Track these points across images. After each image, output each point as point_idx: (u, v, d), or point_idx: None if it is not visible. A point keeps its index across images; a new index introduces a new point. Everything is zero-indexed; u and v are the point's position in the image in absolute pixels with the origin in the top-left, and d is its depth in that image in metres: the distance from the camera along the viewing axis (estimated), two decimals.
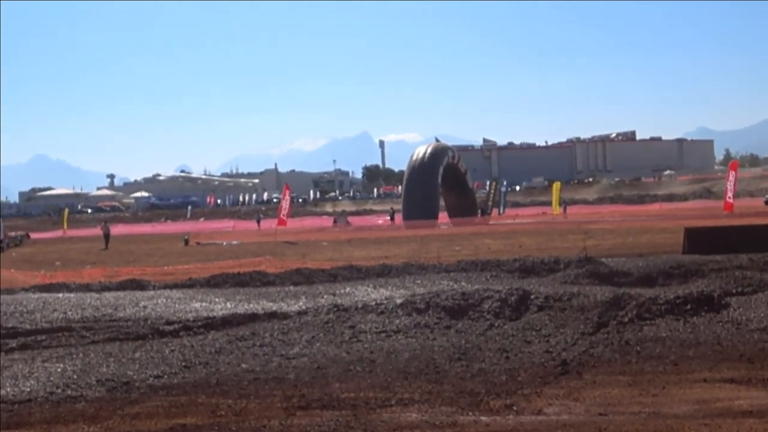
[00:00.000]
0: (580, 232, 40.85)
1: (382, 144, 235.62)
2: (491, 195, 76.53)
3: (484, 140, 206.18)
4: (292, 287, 22.10)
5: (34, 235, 75.57)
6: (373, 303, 16.81)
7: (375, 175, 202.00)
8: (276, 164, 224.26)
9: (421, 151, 66.89)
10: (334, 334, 14.39)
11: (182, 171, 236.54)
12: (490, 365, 11.69)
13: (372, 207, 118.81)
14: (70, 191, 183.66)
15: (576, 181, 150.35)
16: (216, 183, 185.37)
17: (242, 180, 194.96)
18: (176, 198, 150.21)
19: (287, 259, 32.53)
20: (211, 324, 15.87)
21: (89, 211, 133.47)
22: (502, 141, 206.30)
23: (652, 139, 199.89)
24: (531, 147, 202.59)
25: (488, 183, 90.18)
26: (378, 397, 10.00)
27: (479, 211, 70.89)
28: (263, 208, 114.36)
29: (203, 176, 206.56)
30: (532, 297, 16.08)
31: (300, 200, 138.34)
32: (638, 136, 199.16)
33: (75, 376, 11.96)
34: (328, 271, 25.15)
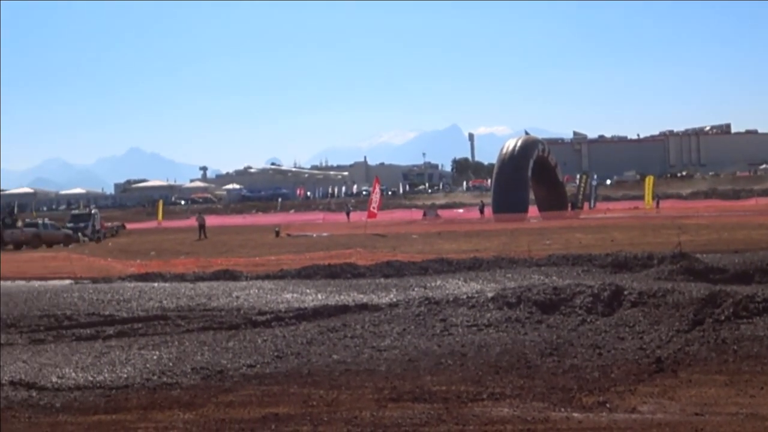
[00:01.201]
0: (673, 227, 39.99)
1: (471, 137, 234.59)
2: (582, 189, 75.73)
3: (575, 133, 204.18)
4: (382, 279, 22.14)
5: (129, 226, 77.36)
6: (464, 296, 16.74)
7: (464, 168, 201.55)
8: (365, 157, 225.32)
9: (511, 144, 66.49)
10: (425, 326, 14.37)
11: (273, 163, 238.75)
12: (583, 361, 11.53)
13: (461, 200, 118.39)
14: (164, 183, 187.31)
15: (669, 175, 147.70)
16: (306, 175, 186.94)
17: (332, 173, 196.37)
18: (267, 190, 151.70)
19: (377, 251, 32.62)
20: (302, 315, 16.02)
21: (182, 202, 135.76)
22: (592, 134, 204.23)
23: (748, 132, 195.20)
24: (622, 140, 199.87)
25: (578, 176, 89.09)
26: (469, 391, 9.95)
27: (569, 204, 70.21)
28: (353, 201, 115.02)
29: (293, 169, 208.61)
30: (625, 293, 15.79)
31: (389, 193, 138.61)
32: (733, 129, 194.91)
33: (170, 364, 12.19)
34: (419, 263, 25.15)
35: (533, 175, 64.80)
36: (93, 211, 67.67)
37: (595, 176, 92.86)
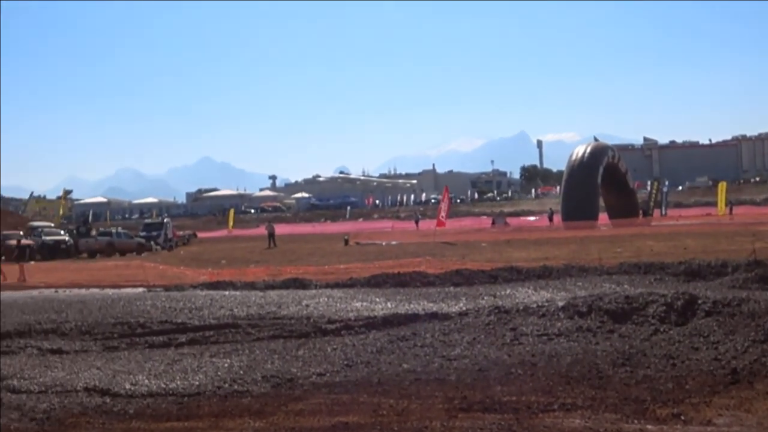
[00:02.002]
0: (747, 234, 39.21)
1: (539, 144, 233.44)
2: (652, 195, 74.69)
3: (645, 139, 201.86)
4: (452, 288, 22.08)
5: (200, 234, 78.31)
6: (534, 305, 16.59)
7: (533, 175, 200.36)
8: (434, 165, 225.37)
9: (581, 150, 65.84)
10: (495, 336, 14.25)
11: (341, 172, 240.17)
12: (656, 372, 11.33)
13: (530, 207, 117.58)
14: (234, 192, 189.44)
15: (742, 181, 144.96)
16: (374, 184, 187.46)
17: (400, 181, 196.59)
18: (335, 198, 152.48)
19: (447, 259, 32.52)
20: (372, 323, 16.02)
21: (252, 211, 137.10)
22: (663, 139, 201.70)
23: None
24: (694, 145, 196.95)
25: (649, 183, 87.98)
26: (540, 402, 9.82)
27: (640, 211, 69.27)
28: (421, 209, 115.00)
29: (362, 177, 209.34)
30: (699, 302, 15.46)
31: (458, 201, 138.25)
32: None
33: (241, 372, 12.27)
34: (488, 272, 25.01)
35: (603, 182, 64.07)
36: (165, 220, 68.67)
37: (666, 182, 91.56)
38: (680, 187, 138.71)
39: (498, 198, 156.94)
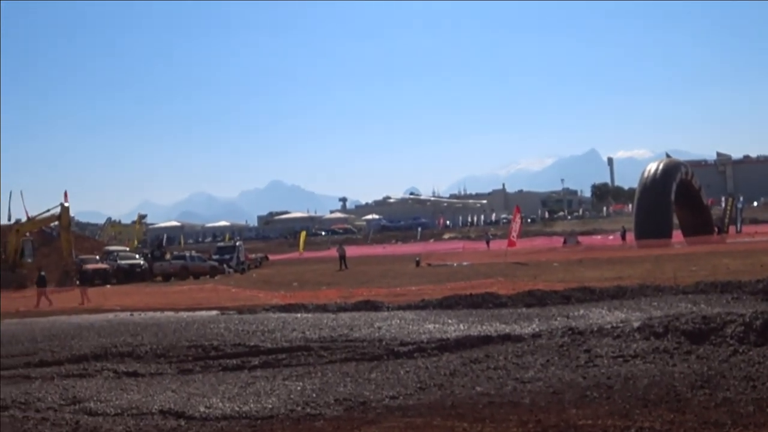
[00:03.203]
0: None
1: (610, 161, 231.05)
2: (727, 212, 73.44)
3: (718, 154, 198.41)
4: (524, 309, 21.91)
5: (272, 257, 78.84)
6: (609, 326, 16.36)
7: (604, 193, 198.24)
8: (503, 184, 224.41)
9: (653, 167, 64.96)
10: (569, 358, 14.05)
11: (411, 193, 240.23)
12: (736, 394, 11.03)
13: (602, 226, 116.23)
14: (304, 215, 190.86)
15: None
16: (445, 204, 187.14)
17: (470, 201, 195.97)
18: (406, 220, 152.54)
19: (518, 280, 32.30)
20: (444, 346, 15.93)
21: (323, 233, 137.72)
22: (737, 154, 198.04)
23: None
24: None
25: (723, 199, 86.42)
26: (617, 425, 9.63)
27: (715, 229, 68.07)
28: (492, 229, 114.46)
29: (432, 198, 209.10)
30: None
31: (528, 220, 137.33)
32: None
33: (314, 395, 12.27)
34: (561, 292, 24.78)
35: (676, 199, 63.12)
36: (237, 243, 69.37)
37: (741, 198, 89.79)
38: (755, 203, 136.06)
39: (569, 217, 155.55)
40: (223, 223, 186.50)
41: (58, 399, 13.15)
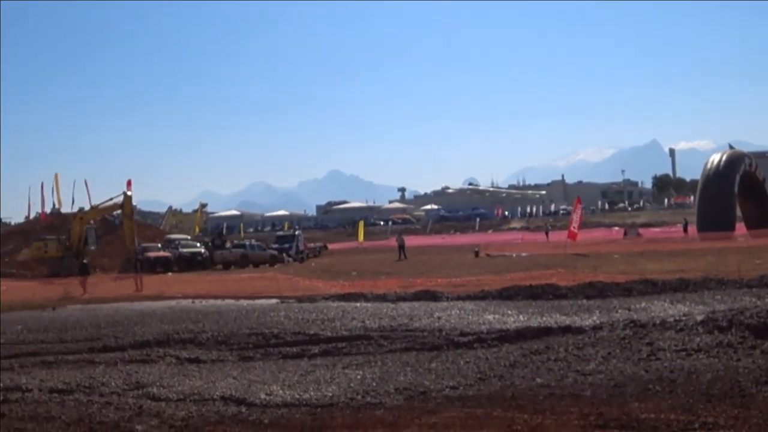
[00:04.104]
0: None
1: (672, 152, 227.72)
2: None
3: None
4: (585, 301, 21.73)
5: (331, 246, 79.10)
6: (671, 319, 16.16)
7: (665, 184, 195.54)
8: (563, 175, 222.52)
9: (716, 159, 63.92)
10: (630, 350, 13.89)
11: (470, 183, 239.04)
12: None
13: (663, 218, 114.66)
14: (363, 204, 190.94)
15: None
16: (503, 195, 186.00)
17: (529, 192, 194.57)
18: (465, 210, 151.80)
19: (578, 271, 32.00)
20: (504, 336, 15.87)
21: (381, 223, 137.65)
22: None
23: None
24: None
25: None
26: (680, 420, 9.48)
27: None
28: (551, 220, 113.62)
29: (491, 188, 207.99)
30: None
31: (588, 211, 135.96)
32: None
33: (374, 384, 12.29)
34: (622, 284, 24.55)
35: (740, 191, 62.03)
36: (297, 233, 69.64)
37: None
38: None
39: (629, 208, 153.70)
40: (282, 212, 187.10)
41: (121, 384, 13.36)
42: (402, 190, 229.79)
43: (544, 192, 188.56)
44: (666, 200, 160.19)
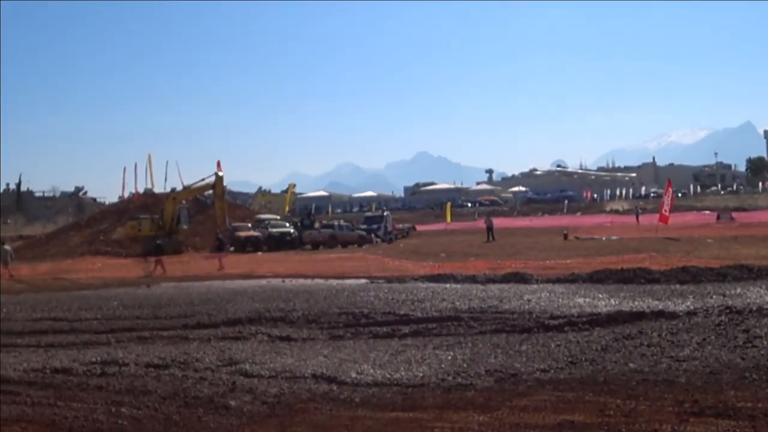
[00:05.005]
0: None
1: (767, 134, 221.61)
2: None
3: None
4: (678, 286, 21.38)
5: (418, 227, 79.09)
6: None
7: (760, 167, 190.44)
8: (653, 158, 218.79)
9: None
10: (726, 337, 13.61)
11: (558, 165, 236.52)
12: None
13: (757, 202, 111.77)
14: (450, 186, 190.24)
15: None
16: (592, 177, 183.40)
17: (619, 174, 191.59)
18: (553, 192, 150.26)
19: (671, 255, 31.43)
20: (595, 320, 15.71)
21: (469, 205, 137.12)
22: None
23: None
24: None
25: None
26: None
27: None
28: (641, 203, 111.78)
29: (579, 170, 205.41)
30: None
31: (679, 195, 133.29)
32: None
33: (465, 365, 12.31)
34: (716, 269, 24.05)
35: None
36: (385, 213, 69.68)
37: None
38: None
39: (722, 192, 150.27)
40: (369, 193, 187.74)
41: (215, 360, 13.63)
42: (489, 171, 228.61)
43: (634, 174, 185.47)
44: (760, 184, 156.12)
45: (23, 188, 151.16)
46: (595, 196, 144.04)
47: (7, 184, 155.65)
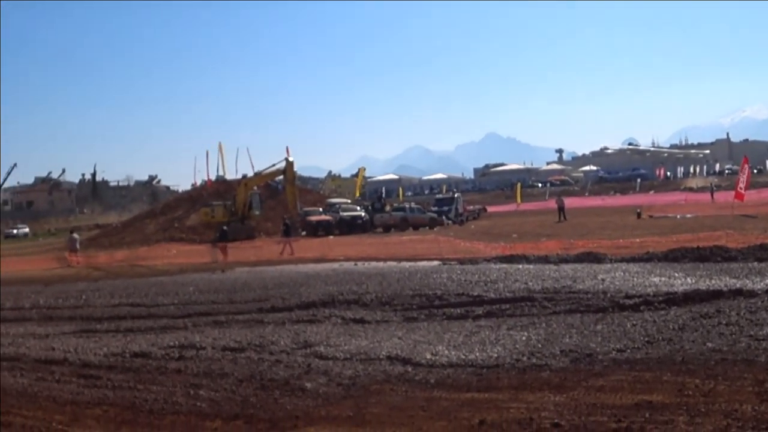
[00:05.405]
0: None
1: None
2: None
3: None
4: (756, 263, 20.98)
5: (489, 209, 78.79)
6: None
7: None
8: (728, 134, 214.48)
9: None
10: None
11: (629, 143, 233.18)
12: None
13: None
14: (520, 167, 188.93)
15: None
16: (665, 155, 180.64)
17: (692, 151, 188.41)
18: (624, 171, 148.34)
19: (748, 233, 30.77)
20: (672, 299, 15.49)
21: (539, 185, 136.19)
22: None
23: None
24: None
25: None
26: None
27: None
28: (715, 180, 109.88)
29: (651, 148, 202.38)
30: None
31: (755, 171, 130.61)
32: None
33: (539, 345, 12.27)
34: None
35: None
36: (456, 195, 69.48)
37: None
38: None
39: None
40: (439, 175, 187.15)
41: (290, 343, 13.78)
42: (560, 151, 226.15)
43: (707, 151, 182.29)
44: None
45: (98, 178, 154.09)
46: (668, 174, 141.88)
47: (83, 175, 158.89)
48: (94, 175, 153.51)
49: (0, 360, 14.09)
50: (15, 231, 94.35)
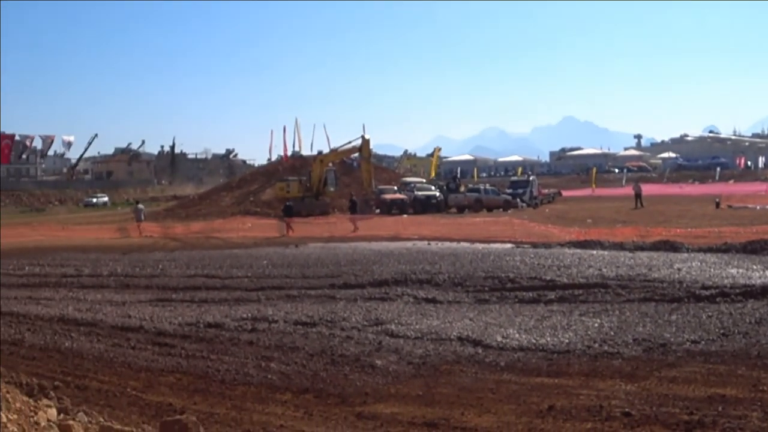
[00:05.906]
0: None
1: None
2: None
3: None
4: None
5: (564, 193, 78.07)
6: None
7: None
8: None
9: None
10: None
11: (710, 131, 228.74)
12: None
13: None
14: (597, 151, 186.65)
15: None
16: (746, 144, 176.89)
17: None
18: (704, 159, 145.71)
19: None
20: (750, 292, 15.19)
21: (616, 170, 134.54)
22: None
23: None
24: None
25: None
26: None
27: None
28: None
29: (732, 137, 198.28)
30: None
31: None
32: None
33: (612, 333, 12.18)
34: None
35: None
36: (531, 178, 68.98)
37: None
38: None
39: None
40: (515, 157, 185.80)
41: (361, 320, 13.89)
42: (638, 137, 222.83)
43: None
44: None
45: (177, 150, 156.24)
46: (749, 163, 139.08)
47: (162, 147, 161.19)
48: (173, 147, 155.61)
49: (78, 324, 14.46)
50: (94, 200, 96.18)
